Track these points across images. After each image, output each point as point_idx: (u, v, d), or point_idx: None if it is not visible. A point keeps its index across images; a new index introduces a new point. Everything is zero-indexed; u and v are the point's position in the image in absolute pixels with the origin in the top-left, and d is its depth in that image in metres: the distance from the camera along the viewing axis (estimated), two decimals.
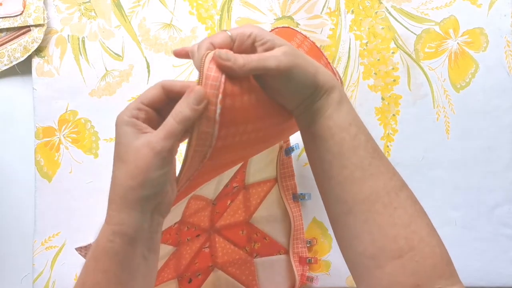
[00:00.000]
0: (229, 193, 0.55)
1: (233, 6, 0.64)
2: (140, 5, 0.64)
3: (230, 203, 0.56)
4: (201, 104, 0.32)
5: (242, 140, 0.37)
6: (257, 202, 0.58)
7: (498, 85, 0.63)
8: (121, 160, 0.33)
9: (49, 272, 0.62)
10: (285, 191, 0.58)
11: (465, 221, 0.62)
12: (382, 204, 0.34)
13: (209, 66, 0.33)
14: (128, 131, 0.33)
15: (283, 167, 0.58)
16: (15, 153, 0.64)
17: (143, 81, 0.63)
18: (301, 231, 0.59)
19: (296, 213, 0.58)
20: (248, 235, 0.58)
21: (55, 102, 0.63)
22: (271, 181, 0.58)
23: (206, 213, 0.54)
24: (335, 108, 0.36)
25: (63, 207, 0.62)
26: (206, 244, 0.56)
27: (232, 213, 0.57)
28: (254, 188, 0.57)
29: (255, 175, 0.57)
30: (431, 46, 0.64)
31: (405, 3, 0.64)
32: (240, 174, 0.55)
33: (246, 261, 0.58)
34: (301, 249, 0.59)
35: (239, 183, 0.55)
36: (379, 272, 0.34)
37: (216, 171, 0.44)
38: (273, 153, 0.56)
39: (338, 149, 0.36)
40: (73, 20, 0.64)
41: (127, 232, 0.33)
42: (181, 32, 0.64)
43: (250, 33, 0.36)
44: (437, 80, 0.63)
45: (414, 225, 0.34)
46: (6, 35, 0.63)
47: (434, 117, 0.63)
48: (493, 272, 0.62)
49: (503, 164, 0.63)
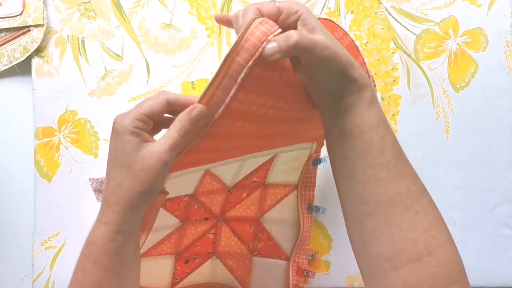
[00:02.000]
0: (247, 186, 0.54)
1: (232, 6, 0.64)
2: (140, 5, 0.64)
3: (246, 196, 0.56)
4: (201, 120, 0.34)
5: (259, 113, 0.36)
6: (272, 203, 0.57)
7: (497, 85, 0.63)
8: (126, 168, 0.34)
9: (48, 272, 0.62)
10: (302, 200, 0.58)
11: (465, 221, 0.62)
12: (405, 206, 0.34)
13: (252, 31, 0.32)
14: (133, 140, 0.34)
15: (307, 176, 0.57)
16: (14, 153, 0.64)
17: (143, 81, 0.63)
18: (307, 242, 0.59)
19: (307, 223, 0.58)
20: (255, 232, 0.58)
21: (55, 102, 0.63)
22: (292, 186, 0.58)
23: (220, 199, 0.54)
24: (366, 107, 0.35)
25: (63, 207, 0.62)
26: (212, 230, 0.55)
27: (245, 207, 0.56)
28: (273, 188, 0.57)
29: (278, 176, 0.56)
30: (430, 46, 0.64)
31: (405, 3, 0.64)
32: (263, 170, 0.54)
33: (245, 257, 0.58)
34: (302, 260, 0.58)
35: (259, 179, 0.55)
36: (394, 275, 0.34)
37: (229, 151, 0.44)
38: (301, 160, 0.56)
39: (365, 148, 0.35)
40: (72, 20, 0.64)
41: (128, 230, 0.35)
42: (180, 32, 0.64)
43: (297, 10, 0.35)
44: (437, 80, 0.64)
45: (434, 230, 0.34)
46: (5, 35, 0.63)
47: (434, 117, 0.63)
48: (493, 272, 0.62)
49: (503, 164, 0.63)
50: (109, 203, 0.35)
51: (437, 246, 0.34)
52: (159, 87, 0.63)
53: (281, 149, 0.52)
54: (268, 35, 0.32)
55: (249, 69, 0.32)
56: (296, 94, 0.38)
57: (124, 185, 0.34)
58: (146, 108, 0.35)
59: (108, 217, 0.35)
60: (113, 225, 0.35)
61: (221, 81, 0.33)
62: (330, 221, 0.63)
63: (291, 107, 0.39)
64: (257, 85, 0.34)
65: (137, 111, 0.35)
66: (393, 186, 0.35)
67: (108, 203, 0.35)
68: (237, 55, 0.32)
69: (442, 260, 0.33)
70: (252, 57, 0.32)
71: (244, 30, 0.32)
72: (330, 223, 0.63)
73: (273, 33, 0.32)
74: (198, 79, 0.64)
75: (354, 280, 0.62)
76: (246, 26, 0.32)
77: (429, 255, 0.33)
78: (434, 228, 0.34)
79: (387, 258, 0.34)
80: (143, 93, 0.63)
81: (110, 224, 0.35)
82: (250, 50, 0.32)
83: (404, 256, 0.34)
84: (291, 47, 0.32)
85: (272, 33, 0.32)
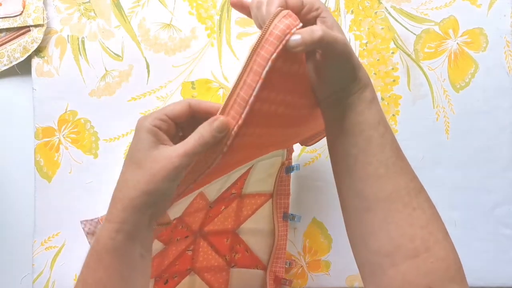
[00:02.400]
0: (225, 199, 0.54)
1: None
2: (139, 5, 0.64)
3: (224, 209, 0.55)
4: (222, 133, 0.34)
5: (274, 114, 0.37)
6: (248, 213, 0.57)
7: (497, 85, 0.63)
8: (137, 164, 0.34)
9: (48, 272, 0.62)
10: (277, 208, 0.58)
11: (465, 221, 0.62)
12: (402, 203, 0.35)
13: (276, 24, 0.33)
14: (148, 138, 0.35)
15: (281, 184, 0.57)
16: (14, 153, 0.64)
17: (143, 81, 0.63)
18: (283, 251, 0.59)
19: (282, 232, 0.58)
20: (232, 244, 0.57)
21: (55, 102, 0.63)
22: (266, 195, 0.58)
23: (201, 215, 0.54)
24: (367, 105, 0.37)
25: (63, 207, 0.62)
26: (190, 247, 0.55)
27: (223, 220, 0.56)
28: (249, 199, 0.57)
29: (253, 186, 0.56)
30: (430, 46, 0.64)
31: (405, 3, 0.64)
32: (241, 181, 0.54)
33: (222, 269, 0.57)
34: (279, 268, 0.58)
35: (237, 190, 0.55)
36: (393, 271, 0.34)
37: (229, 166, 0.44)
38: (275, 168, 0.56)
39: (365, 145, 0.36)
40: (72, 20, 0.64)
41: (128, 230, 0.34)
42: (180, 32, 0.64)
43: (318, 7, 0.36)
44: (437, 80, 0.63)
45: (431, 226, 0.35)
46: (5, 35, 0.63)
47: (434, 117, 0.63)
48: (493, 272, 0.62)
49: (502, 164, 0.63)
50: (115, 200, 0.35)
51: (434, 243, 0.34)
52: (159, 87, 0.63)
53: (260, 158, 0.52)
54: (291, 29, 0.33)
55: (273, 61, 0.33)
56: (306, 89, 0.39)
57: (131, 181, 0.34)
58: (168, 108, 0.36)
59: (111, 214, 0.35)
60: (114, 222, 0.34)
61: (245, 79, 0.34)
62: (330, 221, 0.63)
63: (297, 103, 0.39)
64: (277, 80, 0.35)
65: (159, 111, 0.36)
66: (392, 183, 0.35)
67: (114, 200, 0.35)
68: (261, 49, 0.33)
69: (439, 256, 0.34)
70: (276, 49, 0.32)
71: (268, 23, 0.33)
72: (330, 223, 0.63)
73: (296, 27, 0.33)
74: (198, 79, 0.64)
75: (354, 280, 0.62)
76: (271, 19, 0.33)
77: (426, 251, 0.34)
78: (431, 225, 0.35)
79: (386, 254, 0.35)
80: (143, 93, 0.63)
81: (112, 221, 0.34)
82: (274, 42, 0.33)
83: (402, 252, 0.34)
84: (315, 41, 0.33)
85: (295, 27, 0.33)
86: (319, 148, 0.62)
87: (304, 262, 0.63)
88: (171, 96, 0.63)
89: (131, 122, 0.63)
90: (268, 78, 0.33)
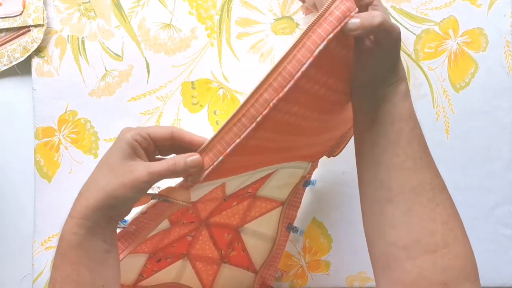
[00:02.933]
0: (240, 196, 0.54)
1: (232, 6, 0.64)
2: (139, 5, 0.64)
3: (235, 205, 0.56)
4: (194, 168, 0.36)
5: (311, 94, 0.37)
6: (255, 215, 0.57)
7: (497, 85, 0.63)
8: (110, 169, 0.37)
9: (48, 272, 0.62)
10: (284, 218, 0.58)
11: (465, 221, 0.62)
12: (426, 198, 0.35)
13: (338, 5, 0.33)
14: (127, 149, 0.37)
15: (295, 196, 0.58)
16: (14, 153, 0.64)
17: (143, 82, 0.63)
18: (277, 260, 0.59)
19: (282, 242, 0.58)
20: (231, 240, 0.57)
21: (55, 102, 0.63)
22: (278, 202, 0.58)
23: (213, 205, 0.54)
24: (401, 98, 0.37)
25: (63, 207, 0.62)
26: (192, 233, 0.55)
27: (230, 215, 0.56)
28: (261, 201, 0.57)
29: (269, 190, 0.56)
30: (430, 46, 0.64)
31: (405, 3, 0.64)
32: (259, 182, 0.54)
33: (214, 262, 0.57)
34: (269, 276, 0.58)
35: (253, 190, 0.55)
36: (409, 264, 0.34)
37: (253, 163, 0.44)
38: (295, 178, 0.56)
39: (395, 137, 0.36)
40: (72, 20, 0.64)
41: (89, 225, 0.36)
42: (180, 32, 0.64)
43: None
44: (437, 80, 0.63)
45: (452, 223, 0.35)
46: (5, 35, 0.63)
47: (434, 117, 0.63)
48: (493, 272, 0.62)
49: (502, 164, 0.63)
50: (81, 196, 0.37)
51: (453, 240, 0.34)
52: (159, 87, 0.63)
53: (284, 165, 0.52)
54: (351, 12, 0.33)
55: (329, 41, 0.33)
56: (346, 77, 0.39)
57: (101, 180, 0.36)
58: (152, 129, 0.38)
59: (74, 210, 0.37)
60: (76, 218, 0.36)
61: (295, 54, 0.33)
62: (330, 221, 0.63)
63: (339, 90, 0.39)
64: (326, 62, 0.35)
65: (143, 129, 0.38)
66: (417, 177, 0.36)
67: (80, 196, 0.37)
68: (319, 26, 0.33)
69: (457, 253, 0.34)
70: (334, 29, 0.33)
71: (330, 3, 0.33)
72: (330, 223, 0.63)
73: (354, 11, 0.33)
74: (198, 79, 0.64)
75: (354, 280, 0.62)
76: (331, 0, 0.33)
77: (445, 247, 0.34)
78: (452, 222, 0.35)
79: (404, 246, 0.35)
80: (143, 93, 0.63)
81: (75, 216, 0.36)
82: (334, 23, 0.33)
83: (421, 246, 0.34)
84: (374, 27, 0.33)
85: (354, 11, 0.33)
86: None
87: (304, 262, 0.63)
88: (171, 96, 0.63)
89: (131, 122, 0.63)
90: (319, 57, 0.33)
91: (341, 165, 0.61)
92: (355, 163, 0.41)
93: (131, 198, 0.37)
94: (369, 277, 0.62)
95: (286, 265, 0.62)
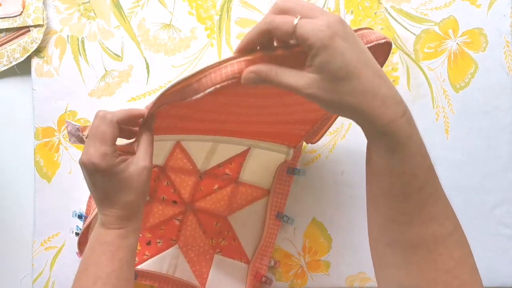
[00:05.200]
0: (219, 176, 0.56)
1: (232, 6, 0.64)
2: (139, 6, 0.64)
3: (218, 188, 0.57)
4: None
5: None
6: (243, 203, 0.58)
7: (497, 85, 0.63)
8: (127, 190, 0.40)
9: (48, 273, 0.62)
10: (272, 207, 0.58)
11: (465, 221, 0.62)
12: (427, 250, 0.33)
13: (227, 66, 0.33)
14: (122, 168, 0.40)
15: (281, 184, 0.58)
16: (14, 154, 0.64)
17: (143, 82, 0.63)
18: (269, 249, 0.59)
19: (273, 230, 0.58)
20: (220, 229, 0.58)
21: (55, 102, 0.63)
22: (263, 190, 0.58)
23: (190, 183, 0.55)
24: (384, 154, 0.32)
25: (62, 207, 0.62)
26: (179, 217, 0.57)
27: (215, 200, 0.57)
28: (245, 188, 0.57)
29: (250, 175, 0.57)
30: (430, 47, 0.64)
31: (405, 4, 0.64)
32: (236, 163, 0.55)
33: (207, 252, 0.58)
34: (263, 265, 0.59)
35: (232, 173, 0.56)
36: None
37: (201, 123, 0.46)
38: (273, 163, 0.56)
39: (387, 191, 0.33)
40: (72, 20, 0.64)
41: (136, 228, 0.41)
42: (180, 32, 0.64)
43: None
44: (437, 80, 0.63)
45: (457, 270, 0.33)
46: (5, 35, 0.63)
47: (434, 117, 0.63)
48: (493, 272, 0.62)
49: (502, 164, 0.63)
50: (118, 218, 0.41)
51: (457, 286, 0.33)
52: (159, 87, 0.63)
53: (255, 142, 0.54)
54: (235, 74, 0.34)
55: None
56: None
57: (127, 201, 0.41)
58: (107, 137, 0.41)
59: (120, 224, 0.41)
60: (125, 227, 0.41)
61: None
62: (330, 221, 0.63)
63: None
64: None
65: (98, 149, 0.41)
66: (416, 230, 0.33)
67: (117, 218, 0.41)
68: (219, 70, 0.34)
69: None
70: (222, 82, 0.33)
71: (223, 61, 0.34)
72: (330, 224, 0.63)
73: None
74: None
75: (354, 280, 0.62)
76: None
77: None
78: (458, 268, 0.33)
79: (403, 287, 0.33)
80: (142, 93, 0.63)
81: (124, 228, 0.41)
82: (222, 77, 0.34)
83: None
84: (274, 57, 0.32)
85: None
86: (319, 148, 0.62)
87: (304, 262, 0.63)
88: None
89: None
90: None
91: (341, 165, 0.61)
92: (355, 163, 0.41)
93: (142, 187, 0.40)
94: (369, 277, 0.62)
95: (286, 265, 0.62)
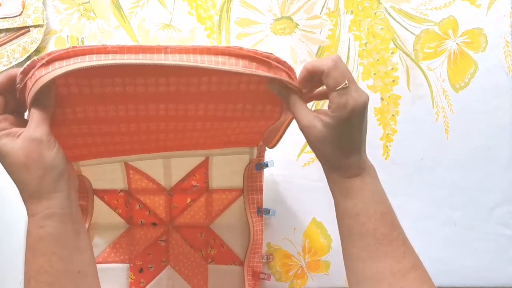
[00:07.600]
0: (188, 190, 0.56)
1: (232, 6, 0.64)
2: (139, 6, 0.64)
3: (191, 202, 0.57)
4: None
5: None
6: (220, 209, 0.58)
7: (497, 85, 0.63)
8: (16, 166, 0.36)
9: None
10: (250, 204, 0.58)
11: (464, 221, 0.62)
12: (387, 283, 0.37)
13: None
14: (4, 142, 0.36)
15: (252, 181, 0.58)
16: None
17: None
18: (259, 246, 0.59)
19: (258, 227, 0.58)
20: (206, 239, 0.58)
21: None
22: (237, 191, 0.58)
23: (161, 202, 0.56)
24: (342, 198, 0.39)
25: None
26: (162, 237, 0.57)
27: (193, 214, 0.57)
28: (218, 194, 0.58)
29: (219, 181, 0.57)
30: (430, 47, 0.64)
31: (404, 4, 0.64)
32: (199, 173, 0.55)
33: (200, 265, 0.58)
34: (257, 263, 0.58)
35: (199, 183, 0.56)
36: None
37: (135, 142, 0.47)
38: (239, 163, 0.56)
39: (346, 231, 0.39)
40: (72, 20, 0.64)
41: (55, 212, 0.36)
42: (180, 32, 0.64)
43: None
44: (436, 80, 0.64)
45: None
46: (5, 35, 0.63)
47: (433, 117, 0.63)
48: (493, 272, 0.62)
49: (502, 164, 0.63)
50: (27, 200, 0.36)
51: None
52: None
53: (211, 152, 0.54)
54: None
55: None
56: None
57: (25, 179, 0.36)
58: None
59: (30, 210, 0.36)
60: (37, 213, 0.36)
61: None
62: (330, 221, 0.63)
63: None
64: None
65: None
66: (376, 265, 0.37)
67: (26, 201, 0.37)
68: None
69: None
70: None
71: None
72: (330, 223, 0.63)
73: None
74: None
75: None
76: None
77: None
78: None
79: None
80: None
81: (35, 214, 0.36)
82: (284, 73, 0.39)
83: None
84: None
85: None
86: None
87: (304, 262, 0.63)
88: None
89: None
90: None
91: None
92: None
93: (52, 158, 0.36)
94: None
95: (286, 265, 0.62)
